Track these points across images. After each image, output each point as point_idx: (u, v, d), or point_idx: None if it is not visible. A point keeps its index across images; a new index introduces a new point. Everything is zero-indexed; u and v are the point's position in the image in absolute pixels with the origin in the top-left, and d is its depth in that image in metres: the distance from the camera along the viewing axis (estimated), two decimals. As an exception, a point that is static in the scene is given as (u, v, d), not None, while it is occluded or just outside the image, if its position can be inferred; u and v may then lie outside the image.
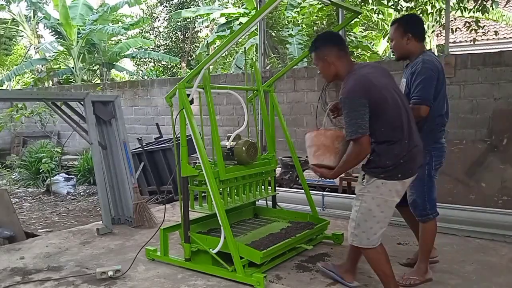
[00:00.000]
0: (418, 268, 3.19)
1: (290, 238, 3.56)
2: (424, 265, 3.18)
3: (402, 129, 2.65)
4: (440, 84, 3.06)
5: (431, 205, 3.14)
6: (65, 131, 11.24)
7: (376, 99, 2.60)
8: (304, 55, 4.54)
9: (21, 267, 3.64)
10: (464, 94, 6.04)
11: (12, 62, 23.27)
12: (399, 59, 3.32)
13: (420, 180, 3.03)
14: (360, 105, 2.58)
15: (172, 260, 3.61)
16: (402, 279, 3.12)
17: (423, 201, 3.12)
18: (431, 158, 3.10)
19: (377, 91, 2.63)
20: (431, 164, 3.11)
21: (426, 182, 3.10)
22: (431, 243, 3.20)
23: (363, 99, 2.58)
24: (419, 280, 3.13)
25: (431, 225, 3.17)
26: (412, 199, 3.16)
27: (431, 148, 3.08)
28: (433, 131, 3.11)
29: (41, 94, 4.77)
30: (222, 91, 4.19)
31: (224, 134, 4.26)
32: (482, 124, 5.94)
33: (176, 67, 21.57)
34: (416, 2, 7.82)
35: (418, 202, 3.14)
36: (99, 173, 4.73)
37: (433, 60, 3.04)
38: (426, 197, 3.12)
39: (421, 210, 3.14)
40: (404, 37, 3.13)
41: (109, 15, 15.52)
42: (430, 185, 3.12)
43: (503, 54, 5.83)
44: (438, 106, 3.07)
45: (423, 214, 3.14)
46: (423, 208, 3.13)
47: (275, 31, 13.27)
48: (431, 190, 3.14)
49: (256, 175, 3.91)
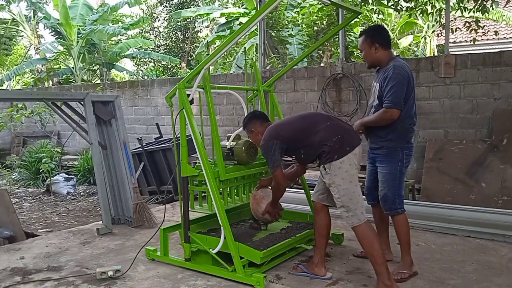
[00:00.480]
0: (404, 262, 3.32)
1: (290, 238, 3.56)
2: (409, 258, 3.32)
3: None
4: (411, 88, 3.26)
5: (400, 200, 3.33)
6: (65, 131, 11.24)
7: None
8: (304, 55, 4.54)
9: (21, 267, 3.64)
10: (464, 94, 6.04)
11: (12, 62, 23.28)
12: (371, 67, 3.56)
13: (392, 175, 3.30)
14: None
15: (172, 260, 3.61)
16: (393, 275, 3.15)
17: (393, 195, 3.30)
18: (403, 156, 3.30)
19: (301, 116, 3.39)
20: (403, 161, 3.30)
21: (397, 178, 3.30)
22: (407, 235, 3.33)
23: None
24: (408, 274, 3.25)
25: (402, 218, 3.34)
26: (384, 193, 3.34)
27: (403, 147, 3.30)
28: (405, 130, 3.29)
29: (41, 94, 4.77)
30: (222, 91, 4.19)
31: (224, 134, 4.26)
32: (482, 124, 5.95)
33: (176, 67, 21.57)
34: (416, 2, 7.82)
35: (388, 196, 3.31)
36: (99, 173, 4.73)
37: (404, 66, 3.25)
38: (397, 192, 3.31)
39: (390, 204, 3.32)
40: (372, 47, 3.37)
41: (109, 15, 15.52)
42: (400, 181, 3.33)
43: (503, 54, 5.83)
44: (408, 108, 3.26)
45: (392, 208, 3.33)
46: (393, 202, 3.31)
47: (275, 31, 13.27)
48: (400, 186, 3.34)
49: (256, 175, 3.91)
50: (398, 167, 3.28)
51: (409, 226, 3.37)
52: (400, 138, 3.27)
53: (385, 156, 3.31)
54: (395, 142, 3.27)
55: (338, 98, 7.04)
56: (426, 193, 5.55)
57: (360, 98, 6.77)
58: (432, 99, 6.27)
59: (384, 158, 3.32)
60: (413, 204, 4.84)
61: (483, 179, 5.32)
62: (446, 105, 6.17)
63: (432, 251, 3.87)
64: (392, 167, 3.28)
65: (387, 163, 3.30)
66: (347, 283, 3.20)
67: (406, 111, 3.23)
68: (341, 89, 7.01)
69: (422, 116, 6.37)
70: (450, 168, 5.60)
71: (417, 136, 6.42)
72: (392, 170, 3.28)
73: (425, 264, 3.54)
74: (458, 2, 7.29)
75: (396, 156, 3.28)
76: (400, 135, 3.27)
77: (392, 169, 3.28)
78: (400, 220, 3.34)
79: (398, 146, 3.27)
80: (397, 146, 3.27)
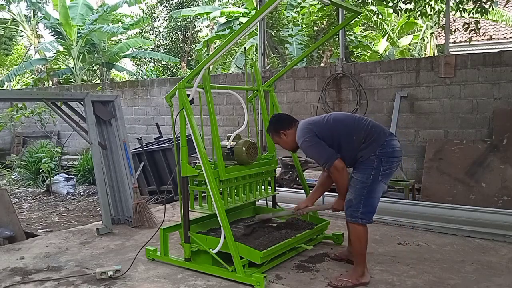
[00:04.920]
0: (354, 271, 3.17)
1: (290, 238, 3.56)
2: (360, 269, 3.14)
3: None
4: (327, 130, 3.20)
5: (365, 210, 3.11)
6: (65, 131, 11.24)
7: None
8: (304, 55, 4.54)
9: (21, 267, 3.64)
10: (464, 94, 6.05)
11: (12, 62, 23.27)
12: (295, 151, 3.61)
13: (362, 183, 3.11)
14: None
15: (172, 260, 3.61)
16: (335, 279, 3.12)
17: (358, 203, 3.11)
18: (380, 163, 3.10)
19: None
20: (379, 169, 3.10)
21: (367, 186, 3.10)
22: (362, 247, 3.15)
23: None
24: (352, 283, 3.08)
25: (359, 229, 3.13)
26: (349, 198, 3.17)
27: (377, 154, 3.10)
28: (369, 144, 3.12)
29: (41, 94, 4.76)
30: (222, 91, 4.19)
31: (224, 134, 4.25)
32: (482, 124, 5.95)
33: (176, 67, 21.56)
34: (415, 4, 7.82)
35: (353, 202, 3.14)
36: (99, 173, 4.73)
37: (302, 129, 3.26)
38: (363, 201, 3.11)
39: (352, 211, 3.14)
40: (282, 136, 3.45)
41: (109, 15, 15.51)
42: (370, 190, 3.11)
43: (503, 54, 5.83)
44: (348, 142, 3.16)
45: (353, 215, 3.13)
46: (355, 209, 3.12)
47: (275, 31, 13.27)
48: (370, 196, 3.12)
49: (256, 175, 3.91)
50: (371, 176, 3.09)
51: (367, 241, 3.18)
52: (369, 148, 3.11)
53: (359, 164, 3.16)
54: (365, 150, 3.12)
55: (338, 98, 7.05)
56: (426, 193, 5.55)
57: (360, 98, 6.78)
58: (432, 99, 6.27)
59: (358, 165, 3.17)
60: (413, 204, 4.84)
61: (483, 179, 5.32)
62: (446, 105, 6.18)
63: (432, 251, 3.86)
64: (363, 175, 3.11)
65: (360, 170, 3.14)
66: (347, 283, 3.20)
67: (349, 145, 3.14)
68: (341, 89, 7.01)
69: (422, 116, 6.38)
70: (450, 168, 5.60)
71: (417, 136, 6.43)
72: (363, 178, 3.10)
73: (425, 264, 3.54)
74: (457, 4, 7.30)
75: (369, 164, 3.10)
76: (367, 148, 3.12)
77: (363, 177, 3.10)
78: (355, 230, 3.16)
79: (369, 153, 3.10)
80: (368, 153, 3.11)
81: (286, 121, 3.47)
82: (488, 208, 4.53)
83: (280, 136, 3.46)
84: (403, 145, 6.48)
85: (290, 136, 3.41)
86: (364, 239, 3.16)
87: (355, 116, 3.36)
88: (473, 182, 5.36)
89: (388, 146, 3.13)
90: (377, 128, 3.20)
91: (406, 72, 6.47)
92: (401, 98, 6.39)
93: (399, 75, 6.53)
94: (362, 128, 3.17)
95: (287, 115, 3.60)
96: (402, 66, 6.52)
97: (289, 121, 3.47)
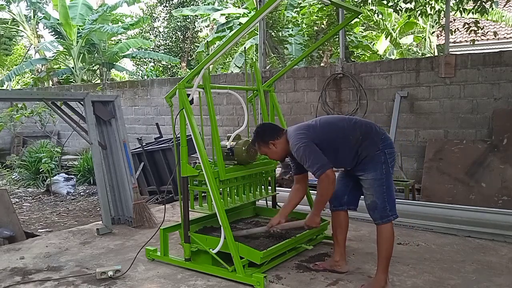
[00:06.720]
0: (376, 280, 3.03)
1: (290, 238, 3.56)
2: (383, 276, 3.01)
3: None
4: (322, 134, 3.14)
5: (391, 205, 3.04)
6: (65, 131, 11.24)
7: None
8: (304, 55, 4.54)
9: (21, 267, 3.64)
10: (464, 94, 6.05)
11: (12, 62, 23.26)
12: (283, 160, 3.49)
13: (378, 181, 3.01)
14: None
15: (172, 260, 3.61)
16: None
17: (383, 202, 3.02)
18: (386, 156, 3.04)
19: None
20: (387, 163, 3.04)
21: (384, 182, 3.02)
22: (390, 250, 3.03)
23: None
24: None
25: (387, 228, 3.03)
26: (371, 200, 3.05)
27: (382, 147, 3.05)
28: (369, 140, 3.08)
29: (41, 94, 4.77)
30: (222, 91, 4.19)
31: (224, 134, 4.26)
32: (482, 124, 5.95)
33: (176, 67, 21.55)
34: (416, 3, 7.82)
35: (378, 203, 3.02)
36: (99, 173, 4.73)
37: (296, 135, 3.15)
38: (386, 197, 3.03)
39: (381, 212, 3.02)
40: (270, 146, 3.31)
41: (108, 15, 15.51)
42: (388, 185, 3.04)
43: (503, 54, 5.83)
44: (345, 143, 3.10)
45: (383, 216, 3.02)
46: (383, 209, 3.02)
47: (275, 31, 13.25)
48: (390, 189, 3.05)
49: (256, 175, 3.91)
50: (383, 170, 3.01)
51: (393, 241, 3.06)
52: (371, 145, 3.05)
53: (366, 164, 3.05)
54: (368, 148, 3.05)
55: (338, 98, 7.05)
56: (426, 193, 5.55)
57: (360, 98, 6.78)
58: (432, 99, 6.27)
59: (366, 166, 3.05)
60: (413, 204, 4.84)
61: (483, 179, 5.32)
62: (446, 105, 6.18)
63: (432, 251, 3.87)
64: (376, 172, 3.01)
65: (371, 168, 3.03)
66: (347, 283, 3.20)
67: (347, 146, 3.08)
68: (341, 89, 7.01)
69: (422, 116, 6.38)
70: (450, 168, 5.60)
71: (417, 136, 6.43)
72: (377, 175, 3.00)
73: (425, 264, 3.54)
74: (457, 3, 7.30)
75: (377, 159, 3.02)
76: (369, 146, 3.05)
77: (377, 174, 3.00)
78: (385, 231, 3.02)
79: (373, 149, 3.03)
80: (372, 150, 3.04)
81: (274, 131, 3.34)
82: (488, 208, 4.53)
83: (269, 146, 3.31)
84: (404, 145, 6.50)
85: (280, 145, 3.28)
86: (392, 239, 3.05)
87: (345, 117, 3.38)
88: (473, 182, 5.36)
89: (386, 138, 3.13)
90: (370, 124, 3.19)
91: (406, 72, 6.47)
92: (401, 98, 6.39)
93: (399, 75, 6.53)
94: (356, 127, 3.13)
95: (273, 124, 3.52)
96: (402, 66, 6.53)
97: (276, 130, 3.35)
